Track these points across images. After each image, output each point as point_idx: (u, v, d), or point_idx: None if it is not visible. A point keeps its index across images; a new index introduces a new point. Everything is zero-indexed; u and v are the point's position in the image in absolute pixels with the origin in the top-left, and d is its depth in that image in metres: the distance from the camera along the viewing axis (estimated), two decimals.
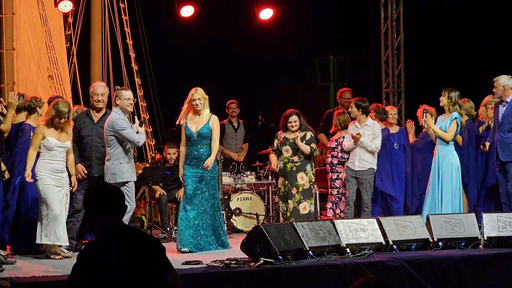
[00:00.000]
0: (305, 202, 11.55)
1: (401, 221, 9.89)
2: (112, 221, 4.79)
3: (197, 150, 10.50)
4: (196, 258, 9.04)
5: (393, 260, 8.84)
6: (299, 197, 11.57)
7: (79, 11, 15.81)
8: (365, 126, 11.78)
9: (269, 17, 16.57)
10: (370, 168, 11.70)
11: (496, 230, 9.88)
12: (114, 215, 4.81)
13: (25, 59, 14.88)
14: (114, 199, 4.84)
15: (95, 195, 4.87)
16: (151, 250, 4.78)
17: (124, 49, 16.39)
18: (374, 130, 11.74)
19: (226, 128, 14.45)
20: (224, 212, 12.90)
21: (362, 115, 11.79)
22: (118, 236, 4.76)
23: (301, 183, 11.60)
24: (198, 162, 10.48)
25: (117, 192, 4.90)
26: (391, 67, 17.59)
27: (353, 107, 11.82)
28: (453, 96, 11.19)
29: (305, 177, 11.60)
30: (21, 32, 14.88)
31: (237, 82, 17.77)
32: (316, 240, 9.01)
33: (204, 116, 10.56)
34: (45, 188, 9.33)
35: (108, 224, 4.78)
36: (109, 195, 4.85)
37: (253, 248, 8.54)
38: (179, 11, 16.08)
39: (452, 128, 11.04)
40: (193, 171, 10.49)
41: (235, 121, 14.55)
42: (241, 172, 13.90)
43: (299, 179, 11.61)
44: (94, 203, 4.83)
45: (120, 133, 9.98)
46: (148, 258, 4.72)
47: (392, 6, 17.53)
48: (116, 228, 4.79)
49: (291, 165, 11.66)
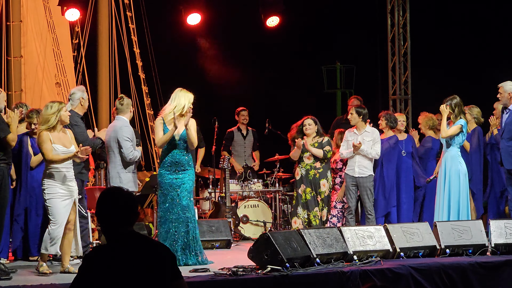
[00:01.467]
0: (325, 210, 11.67)
1: (408, 228, 9.89)
2: (122, 228, 4.75)
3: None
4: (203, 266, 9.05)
5: (400, 267, 8.83)
6: (322, 205, 11.68)
7: (86, 20, 15.84)
8: (364, 132, 11.80)
9: (276, 24, 16.57)
10: (370, 175, 11.73)
11: (504, 237, 9.87)
12: (124, 223, 4.76)
13: (33, 66, 14.93)
14: (124, 206, 4.78)
15: (106, 202, 4.80)
16: (160, 258, 4.74)
17: (131, 58, 16.41)
18: (374, 136, 11.77)
19: (234, 135, 14.46)
20: (232, 219, 12.93)
21: (361, 122, 11.83)
22: (128, 243, 4.73)
23: (323, 190, 11.71)
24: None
25: (129, 199, 4.82)
26: (398, 74, 17.60)
27: (353, 114, 11.85)
28: (453, 103, 11.12)
29: (327, 184, 11.74)
30: (29, 39, 14.95)
31: (244, 90, 17.77)
32: (323, 247, 9.01)
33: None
34: (51, 198, 9.03)
35: (118, 231, 4.74)
36: (120, 202, 4.78)
37: (260, 256, 8.55)
38: (186, 19, 16.09)
39: (452, 129, 10.98)
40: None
41: (244, 128, 14.55)
42: (248, 180, 13.91)
43: (321, 186, 11.70)
44: (104, 209, 4.78)
45: (121, 141, 9.93)
46: (157, 266, 4.70)
47: (399, 13, 17.54)
48: (126, 235, 4.75)
49: (314, 172, 11.75)
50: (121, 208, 4.77)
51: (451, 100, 11.12)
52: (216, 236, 11.71)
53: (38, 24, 15.04)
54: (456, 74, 17.46)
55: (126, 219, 4.78)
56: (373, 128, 11.96)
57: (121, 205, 4.78)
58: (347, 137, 11.92)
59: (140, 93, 16.45)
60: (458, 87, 13.68)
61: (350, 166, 11.78)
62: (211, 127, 14.05)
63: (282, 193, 14.03)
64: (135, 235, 4.81)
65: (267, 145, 14.70)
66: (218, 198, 13.58)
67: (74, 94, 10.04)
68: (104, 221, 4.78)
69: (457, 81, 16.74)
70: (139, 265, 4.65)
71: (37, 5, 14.95)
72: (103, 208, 4.80)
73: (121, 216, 4.76)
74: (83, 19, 15.57)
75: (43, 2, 14.87)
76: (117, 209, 4.76)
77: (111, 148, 10.07)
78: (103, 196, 4.86)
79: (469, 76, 17.13)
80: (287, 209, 13.94)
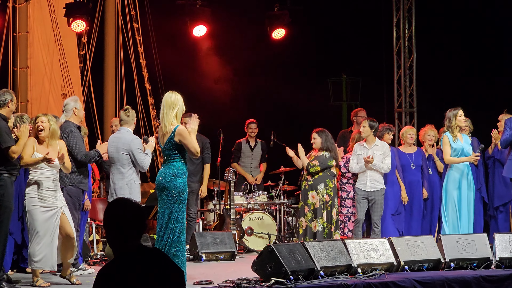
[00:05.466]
0: (315, 221, 11.63)
1: (413, 241, 9.88)
2: (130, 241, 4.58)
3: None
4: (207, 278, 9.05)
5: (405, 281, 8.81)
6: (311, 216, 11.66)
7: (93, 31, 15.90)
8: (374, 146, 11.79)
9: (282, 37, 16.60)
10: (381, 188, 11.71)
11: (508, 250, 9.86)
12: (132, 236, 4.59)
13: (39, 77, 14.98)
14: (134, 218, 4.60)
15: (115, 213, 4.62)
16: (167, 276, 4.58)
17: (138, 69, 16.46)
18: (384, 150, 11.75)
19: (242, 146, 14.46)
20: (236, 231, 12.93)
21: (372, 135, 11.81)
22: (137, 258, 4.55)
23: (312, 202, 11.66)
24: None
25: (138, 211, 4.64)
26: (404, 86, 17.58)
27: (366, 127, 11.81)
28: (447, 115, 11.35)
29: (316, 196, 11.66)
30: (35, 50, 15.00)
31: (249, 102, 17.80)
32: (327, 260, 9.01)
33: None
34: (31, 209, 8.93)
35: (126, 243, 4.57)
36: (130, 214, 4.60)
37: (264, 268, 8.55)
38: (192, 31, 16.13)
39: (443, 149, 11.26)
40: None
41: (252, 140, 14.55)
42: (253, 192, 13.92)
43: (310, 198, 11.68)
44: (113, 221, 4.61)
45: (135, 154, 9.96)
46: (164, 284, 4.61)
47: (404, 26, 17.55)
48: (134, 248, 4.57)
49: (305, 184, 11.81)
50: (131, 220, 4.60)
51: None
52: (221, 248, 11.71)
53: (45, 35, 15.09)
54: (462, 87, 17.46)
55: (134, 232, 4.61)
56: (382, 141, 11.94)
57: (130, 217, 4.60)
58: (356, 151, 11.88)
59: (146, 105, 16.49)
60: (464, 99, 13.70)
61: (361, 181, 11.77)
62: (216, 139, 14.06)
63: (287, 206, 14.02)
64: (143, 249, 4.63)
65: (273, 158, 14.69)
66: (223, 210, 13.59)
67: (67, 104, 10.16)
68: (113, 233, 4.61)
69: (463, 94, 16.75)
70: (149, 282, 4.53)
71: (44, 16, 15.01)
72: (112, 220, 4.62)
73: (130, 229, 4.59)
74: (89, 30, 15.63)
75: (49, 13, 14.92)
76: (127, 221, 4.59)
77: (119, 159, 10.02)
78: (112, 208, 4.68)
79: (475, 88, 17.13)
80: (291, 222, 13.94)
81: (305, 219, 11.70)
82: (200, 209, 14.14)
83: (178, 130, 8.35)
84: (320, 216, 11.65)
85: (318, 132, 11.96)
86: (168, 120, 8.43)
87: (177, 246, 8.30)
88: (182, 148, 8.40)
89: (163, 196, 8.41)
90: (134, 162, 9.97)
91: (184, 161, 8.51)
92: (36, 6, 15.02)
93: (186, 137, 8.34)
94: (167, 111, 8.45)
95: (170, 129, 8.39)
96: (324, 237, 11.53)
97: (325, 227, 11.63)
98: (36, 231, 8.91)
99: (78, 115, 10.14)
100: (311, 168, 11.75)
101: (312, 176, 11.77)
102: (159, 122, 8.60)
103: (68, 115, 10.10)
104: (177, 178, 8.37)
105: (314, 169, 11.75)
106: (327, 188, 11.74)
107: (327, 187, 11.75)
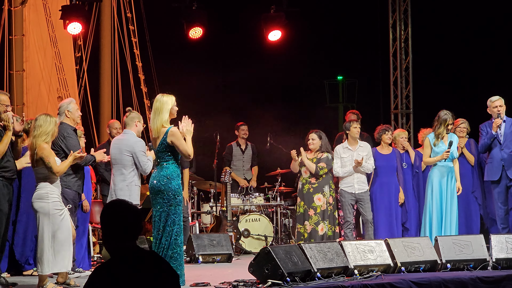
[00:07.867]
0: (322, 224, 11.62)
1: (409, 242, 9.88)
2: (126, 242, 4.61)
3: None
4: (204, 280, 9.04)
5: (401, 282, 8.80)
6: (317, 219, 11.64)
7: (89, 33, 15.88)
8: (358, 148, 11.83)
9: (278, 39, 16.58)
10: (368, 190, 11.83)
11: (505, 251, 9.86)
12: (128, 237, 4.62)
13: (35, 80, 14.95)
14: (130, 220, 4.63)
15: (112, 214, 4.65)
16: (164, 277, 4.61)
17: (134, 71, 16.45)
18: (368, 150, 11.83)
19: (233, 149, 14.46)
20: (233, 233, 12.92)
21: (352, 139, 11.89)
22: (132, 260, 4.57)
23: (319, 205, 11.66)
24: None
25: (135, 213, 4.68)
26: (400, 88, 17.61)
27: (357, 127, 11.87)
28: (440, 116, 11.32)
29: (323, 199, 11.66)
30: (31, 53, 14.97)
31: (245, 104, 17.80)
32: (324, 262, 9.00)
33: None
34: (55, 213, 8.73)
35: (122, 245, 4.60)
36: (126, 216, 4.64)
37: (261, 270, 8.54)
38: (188, 32, 16.11)
39: (423, 152, 11.30)
40: None
41: (243, 143, 14.57)
42: (250, 194, 13.92)
43: (316, 201, 11.68)
44: (110, 223, 4.63)
45: (138, 156, 9.98)
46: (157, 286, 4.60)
47: (400, 28, 17.57)
48: (129, 250, 4.60)
49: (308, 186, 11.75)
50: (127, 222, 4.63)
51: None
52: (217, 250, 11.70)
53: (41, 38, 15.06)
54: (458, 88, 17.48)
55: (131, 233, 4.64)
56: (364, 142, 12.02)
57: (127, 219, 4.64)
58: (340, 154, 11.86)
59: (142, 107, 16.48)
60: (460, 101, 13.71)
61: (348, 183, 11.76)
62: (213, 141, 14.06)
63: (284, 207, 14.02)
64: (139, 250, 4.65)
65: (269, 159, 14.70)
66: (219, 212, 13.58)
67: (61, 107, 10.19)
68: (109, 235, 4.64)
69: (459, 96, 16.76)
70: (142, 283, 4.52)
71: (40, 19, 14.98)
72: (108, 220, 4.65)
73: (126, 230, 4.62)
74: (85, 32, 15.60)
75: (45, 16, 14.89)
76: (123, 222, 4.62)
77: (121, 160, 10.05)
78: (109, 209, 4.72)
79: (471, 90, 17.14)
80: (288, 223, 13.94)
81: (309, 222, 11.67)
82: (197, 211, 14.15)
83: (171, 131, 8.40)
84: (326, 218, 11.67)
85: (317, 133, 11.95)
86: (157, 124, 8.47)
87: (174, 248, 8.33)
88: (175, 150, 8.42)
89: (158, 199, 8.41)
90: (136, 164, 10.01)
91: (177, 163, 8.53)
92: (31, 9, 14.99)
93: (179, 138, 8.37)
94: (153, 117, 8.51)
95: (163, 131, 8.42)
96: (331, 238, 11.55)
97: (330, 228, 11.64)
98: (56, 235, 8.70)
99: (71, 117, 10.12)
100: (320, 170, 11.74)
101: (316, 179, 11.77)
102: (150, 128, 8.61)
103: (61, 118, 10.11)
104: (172, 181, 8.38)
105: (323, 171, 11.76)
106: (331, 189, 11.79)
107: (331, 188, 11.80)
